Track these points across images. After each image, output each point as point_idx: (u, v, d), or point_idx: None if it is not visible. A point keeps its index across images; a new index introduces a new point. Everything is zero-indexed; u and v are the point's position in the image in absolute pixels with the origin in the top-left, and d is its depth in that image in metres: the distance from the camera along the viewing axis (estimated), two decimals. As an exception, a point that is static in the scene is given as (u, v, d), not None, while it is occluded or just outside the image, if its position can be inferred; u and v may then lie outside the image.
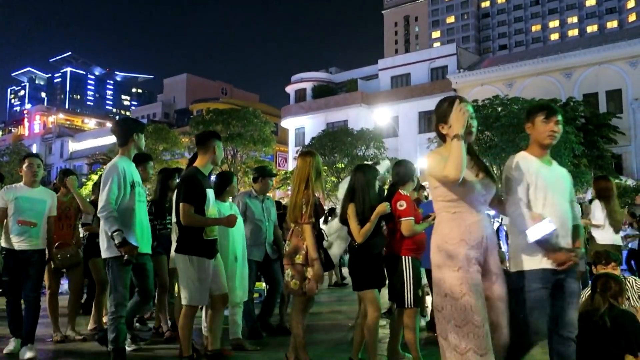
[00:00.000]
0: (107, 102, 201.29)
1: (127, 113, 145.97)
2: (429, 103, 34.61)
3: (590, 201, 8.32)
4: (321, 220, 5.25)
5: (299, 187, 4.39)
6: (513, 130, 21.49)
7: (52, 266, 5.59)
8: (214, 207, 4.55)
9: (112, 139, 46.66)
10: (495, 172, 23.61)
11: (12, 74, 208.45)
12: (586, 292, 4.24)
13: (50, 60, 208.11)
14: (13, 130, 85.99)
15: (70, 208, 5.86)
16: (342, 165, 28.70)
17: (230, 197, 5.45)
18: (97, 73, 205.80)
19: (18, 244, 5.00)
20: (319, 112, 38.46)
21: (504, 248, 12.66)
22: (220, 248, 4.71)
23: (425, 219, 4.46)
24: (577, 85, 30.94)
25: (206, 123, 34.25)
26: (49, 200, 5.25)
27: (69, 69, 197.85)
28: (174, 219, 4.80)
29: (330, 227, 5.64)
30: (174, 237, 4.96)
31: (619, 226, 6.51)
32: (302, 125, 39.36)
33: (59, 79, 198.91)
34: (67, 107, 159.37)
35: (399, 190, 4.53)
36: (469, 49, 64.35)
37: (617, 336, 3.72)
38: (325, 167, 26.60)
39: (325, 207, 7.21)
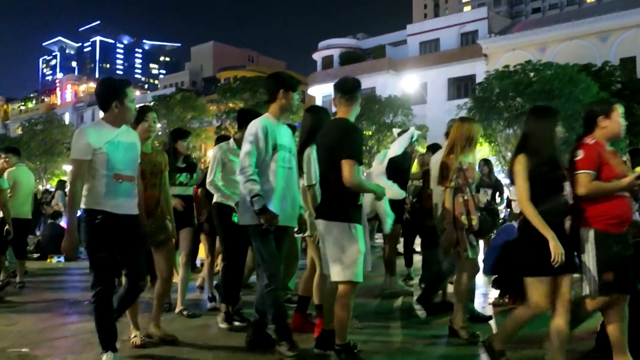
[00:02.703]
0: (136, 70, 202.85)
1: (156, 82, 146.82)
2: (459, 69, 33.97)
3: None
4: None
5: (446, 151, 4.47)
6: (545, 96, 20.97)
7: None
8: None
9: (141, 108, 47.22)
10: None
11: (43, 44, 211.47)
12: None
13: (80, 30, 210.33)
14: (45, 100, 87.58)
15: (158, 165, 4.40)
16: (370, 133, 28.51)
17: None
18: (125, 42, 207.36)
19: (121, 207, 3.58)
20: (346, 80, 38.04)
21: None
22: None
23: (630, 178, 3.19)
24: (614, 49, 29.82)
25: (233, 91, 34.35)
26: (138, 143, 3.83)
27: (98, 38, 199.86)
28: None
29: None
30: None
31: None
32: (329, 92, 38.87)
33: (89, 48, 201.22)
34: (97, 76, 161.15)
35: (586, 138, 3.39)
36: (500, 13, 62.50)
37: None
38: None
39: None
